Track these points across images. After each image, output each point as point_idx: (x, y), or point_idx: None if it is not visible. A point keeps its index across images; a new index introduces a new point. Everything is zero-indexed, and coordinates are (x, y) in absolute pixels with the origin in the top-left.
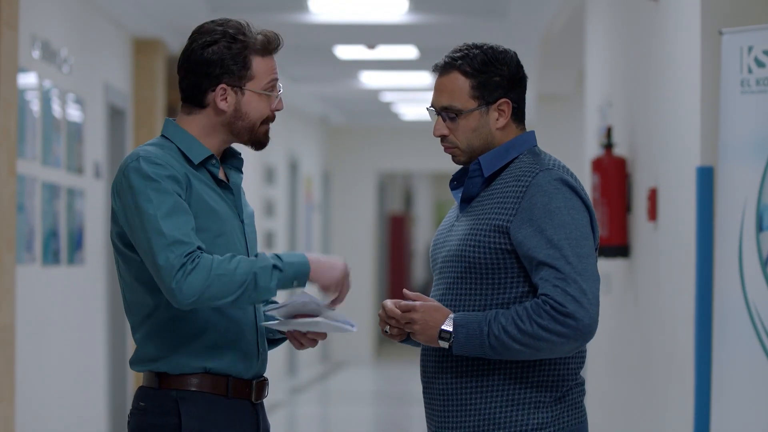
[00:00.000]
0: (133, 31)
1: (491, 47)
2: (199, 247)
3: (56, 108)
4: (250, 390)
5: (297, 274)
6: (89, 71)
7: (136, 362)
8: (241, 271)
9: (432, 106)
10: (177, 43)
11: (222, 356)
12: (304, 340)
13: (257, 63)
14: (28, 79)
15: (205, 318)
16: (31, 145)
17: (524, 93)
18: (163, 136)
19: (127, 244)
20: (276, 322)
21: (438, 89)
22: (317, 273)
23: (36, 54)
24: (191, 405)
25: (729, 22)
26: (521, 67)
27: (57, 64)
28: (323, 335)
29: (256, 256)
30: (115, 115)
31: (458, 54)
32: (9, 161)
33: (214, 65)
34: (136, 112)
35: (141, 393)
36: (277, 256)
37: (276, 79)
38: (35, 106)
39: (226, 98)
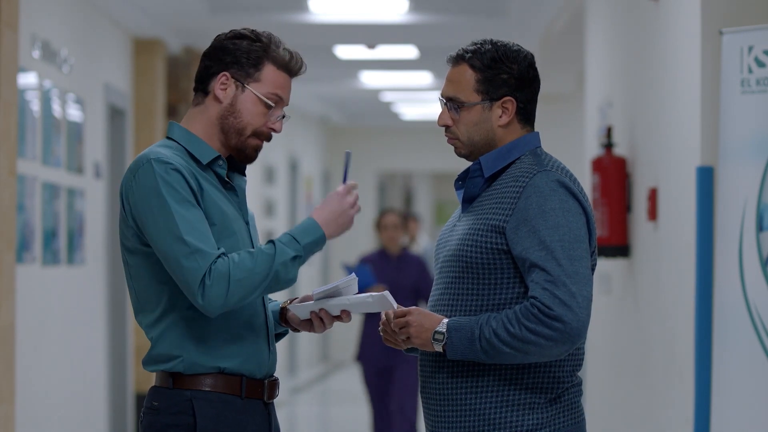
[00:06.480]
0: (133, 31)
1: (505, 45)
2: (219, 254)
3: (56, 108)
4: (262, 390)
5: (315, 250)
6: (89, 71)
7: (149, 362)
8: (259, 270)
9: (441, 95)
10: (177, 43)
11: (235, 355)
12: (328, 320)
13: (269, 70)
14: (28, 79)
15: (217, 318)
16: (31, 145)
17: (534, 94)
18: (168, 138)
19: (146, 243)
20: (308, 303)
21: (447, 79)
22: (332, 232)
23: (36, 54)
24: (206, 405)
25: (729, 22)
26: (533, 68)
27: (57, 64)
28: (349, 316)
29: (272, 242)
30: (115, 115)
31: (471, 47)
32: (9, 161)
33: (227, 53)
34: (136, 112)
35: (154, 393)
36: (294, 240)
37: (280, 97)
38: (35, 106)
39: (225, 88)
